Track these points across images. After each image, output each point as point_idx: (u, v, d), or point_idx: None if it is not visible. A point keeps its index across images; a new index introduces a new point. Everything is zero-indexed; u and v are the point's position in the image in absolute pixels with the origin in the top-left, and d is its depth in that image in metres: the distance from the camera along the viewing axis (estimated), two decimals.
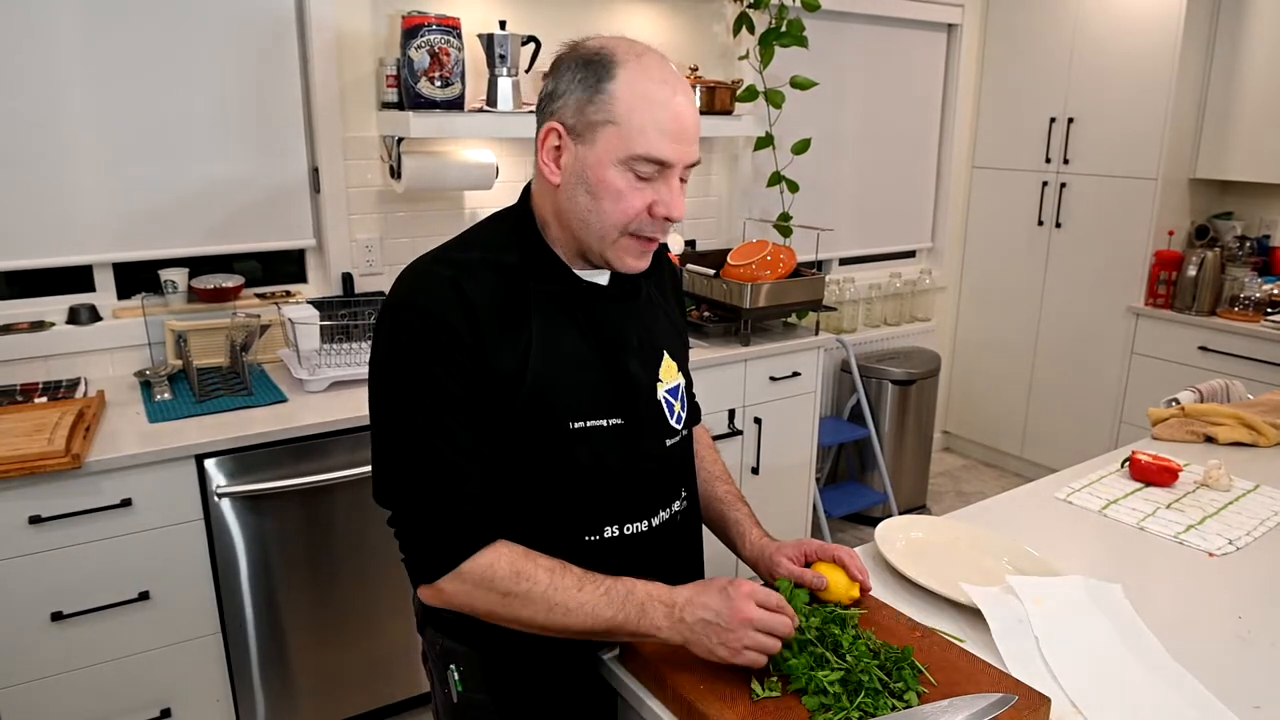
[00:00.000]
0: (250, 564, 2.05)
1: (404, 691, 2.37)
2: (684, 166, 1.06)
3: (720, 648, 0.99)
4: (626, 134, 1.01)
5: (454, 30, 2.37)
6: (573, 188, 1.05)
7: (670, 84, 1.02)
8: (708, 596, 1.01)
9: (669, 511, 1.19)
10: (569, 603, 1.01)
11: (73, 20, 2.14)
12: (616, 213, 1.04)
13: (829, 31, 3.53)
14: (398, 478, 1.05)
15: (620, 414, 1.11)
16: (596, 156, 1.02)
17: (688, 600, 1.02)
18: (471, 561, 1.02)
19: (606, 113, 1.01)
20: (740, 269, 2.85)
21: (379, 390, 1.07)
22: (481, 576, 1.02)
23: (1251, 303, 3.34)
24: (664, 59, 1.05)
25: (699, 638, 1.00)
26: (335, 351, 2.35)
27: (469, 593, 1.03)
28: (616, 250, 1.07)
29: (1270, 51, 3.31)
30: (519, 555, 1.03)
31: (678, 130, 1.02)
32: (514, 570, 1.02)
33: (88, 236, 2.27)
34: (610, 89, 1.00)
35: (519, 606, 1.02)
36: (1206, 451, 1.89)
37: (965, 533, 1.46)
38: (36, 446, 1.75)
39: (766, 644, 0.99)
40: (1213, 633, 1.22)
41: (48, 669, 1.85)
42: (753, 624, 0.98)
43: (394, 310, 1.06)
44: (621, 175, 1.02)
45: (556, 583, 1.01)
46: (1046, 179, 3.88)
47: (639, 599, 1.02)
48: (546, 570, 1.02)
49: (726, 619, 0.99)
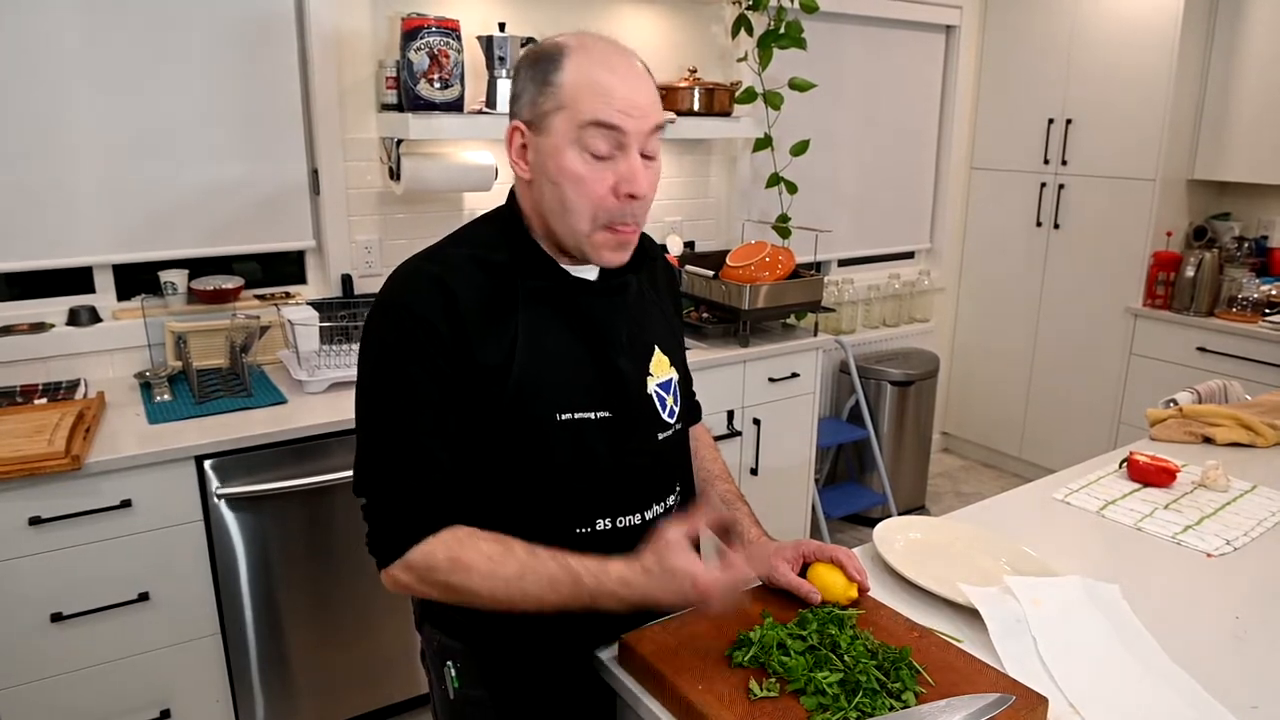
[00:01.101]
0: (250, 565, 2.05)
1: (403, 692, 2.37)
2: (643, 135, 1.04)
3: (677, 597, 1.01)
4: (574, 113, 1.02)
5: (453, 32, 2.38)
6: (540, 181, 1.07)
7: (611, 63, 1.03)
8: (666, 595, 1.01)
9: (663, 505, 1.20)
10: (510, 591, 1.02)
11: (73, 23, 2.15)
12: (581, 200, 1.04)
13: (827, 33, 3.53)
14: (365, 468, 1.08)
15: (609, 407, 1.12)
16: (553, 143, 1.04)
17: (643, 598, 1.02)
18: (415, 550, 1.04)
19: (555, 100, 1.02)
20: (739, 270, 2.85)
21: (360, 384, 1.10)
22: (425, 565, 1.04)
23: (1249, 303, 3.35)
24: (613, 43, 1.06)
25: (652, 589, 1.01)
26: (335, 353, 2.35)
27: (418, 581, 1.05)
28: (592, 244, 1.08)
29: (1267, 53, 3.32)
30: (458, 541, 1.04)
31: (626, 103, 1.02)
32: (450, 558, 1.03)
33: (88, 238, 2.27)
34: (557, 79, 1.02)
35: (463, 596, 1.04)
36: (1204, 452, 1.89)
37: (963, 533, 1.46)
38: (37, 448, 1.75)
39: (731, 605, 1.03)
40: (1210, 633, 1.22)
41: (47, 670, 1.85)
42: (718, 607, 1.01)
43: (379, 308, 1.08)
44: (578, 156, 1.03)
45: (496, 570, 1.02)
46: (1045, 180, 3.89)
47: (588, 588, 1.02)
48: (485, 558, 1.03)
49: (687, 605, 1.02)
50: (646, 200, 1.08)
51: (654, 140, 1.07)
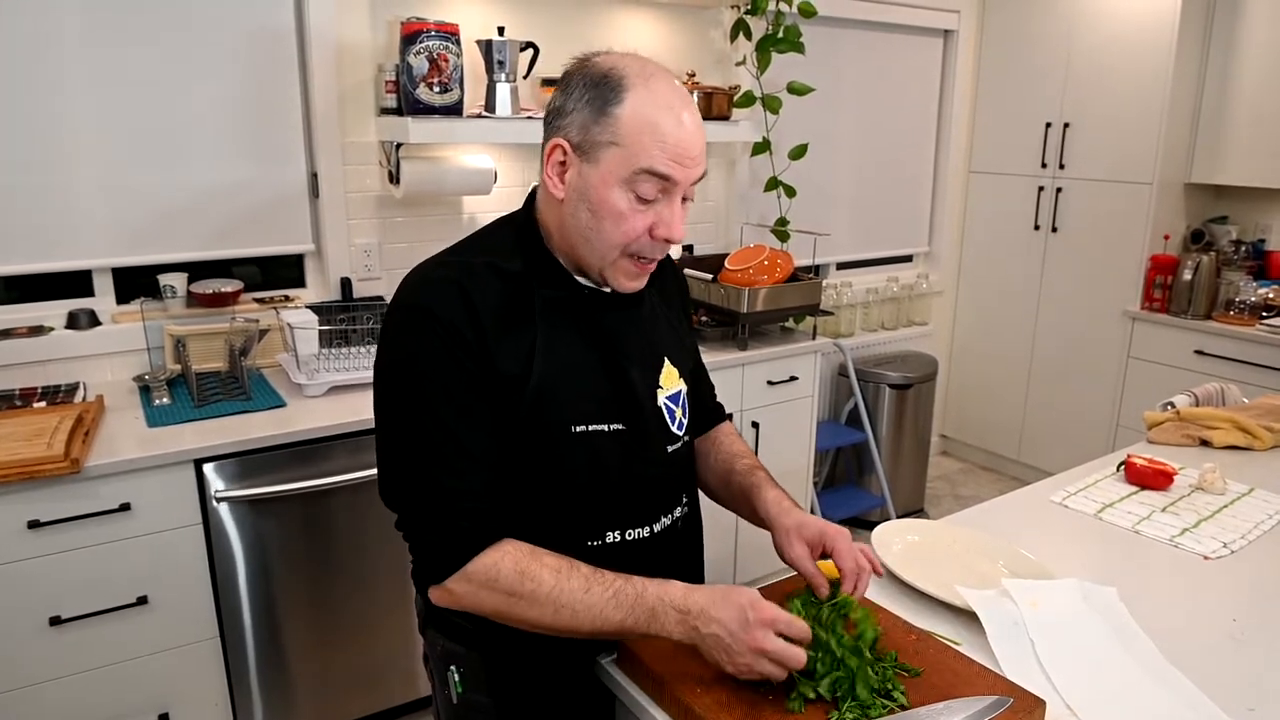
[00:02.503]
0: (249, 568, 2.05)
1: (402, 695, 2.37)
2: (689, 184, 1.06)
3: (727, 664, 0.98)
4: (630, 155, 1.01)
5: (453, 36, 2.38)
6: (575, 204, 1.06)
7: (675, 108, 1.03)
8: (725, 613, 0.98)
9: (670, 518, 1.20)
10: (575, 605, 1.00)
11: (74, 27, 2.15)
12: (617, 234, 1.05)
13: (826, 38, 3.54)
14: (403, 479, 1.05)
15: (621, 419, 1.12)
16: (600, 176, 1.03)
17: (702, 611, 0.99)
18: (476, 561, 1.01)
19: (612, 134, 1.02)
20: (738, 273, 2.86)
21: (384, 391, 1.08)
22: (486, 577, 1.01)
23: (1247, 306, 3.35)
24: (671, 80, 1.05)
25: (708, 649, 0.99)
26: (334, 356, 2.35)
27: (475, 593, 1.02)
28: (614, 270, 1.08)
29: (1264, 57, 3.33)
30: (525, 554, 1.02)
31: (680, 153, 1.02)
32: (518, 570, 1.01)
33: (87, 241, 2.27)
34: (616, 112, 1.01)
35: (525, 607, 1.01)
36: (1202, 455, 1.90)
37: (961, 536, 1.46)
38: (35, 451, 1.75)
39: (772, 672, 0.97)
40: (1208, 635, 1.22)
41: (46, 674, 1.85)
42: (766, 655, 0.96)
43: (399, 311, 1.07)
44: (624, 196, 1.03)
45: (562, 584, 1.00)
46: (1043, 184, 3.90)
47: (649, 604, 1.00)
48: (552, 570, 1.01)
49: (740, 643, 0.96)
50: None
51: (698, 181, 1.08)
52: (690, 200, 1.09)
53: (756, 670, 0.97)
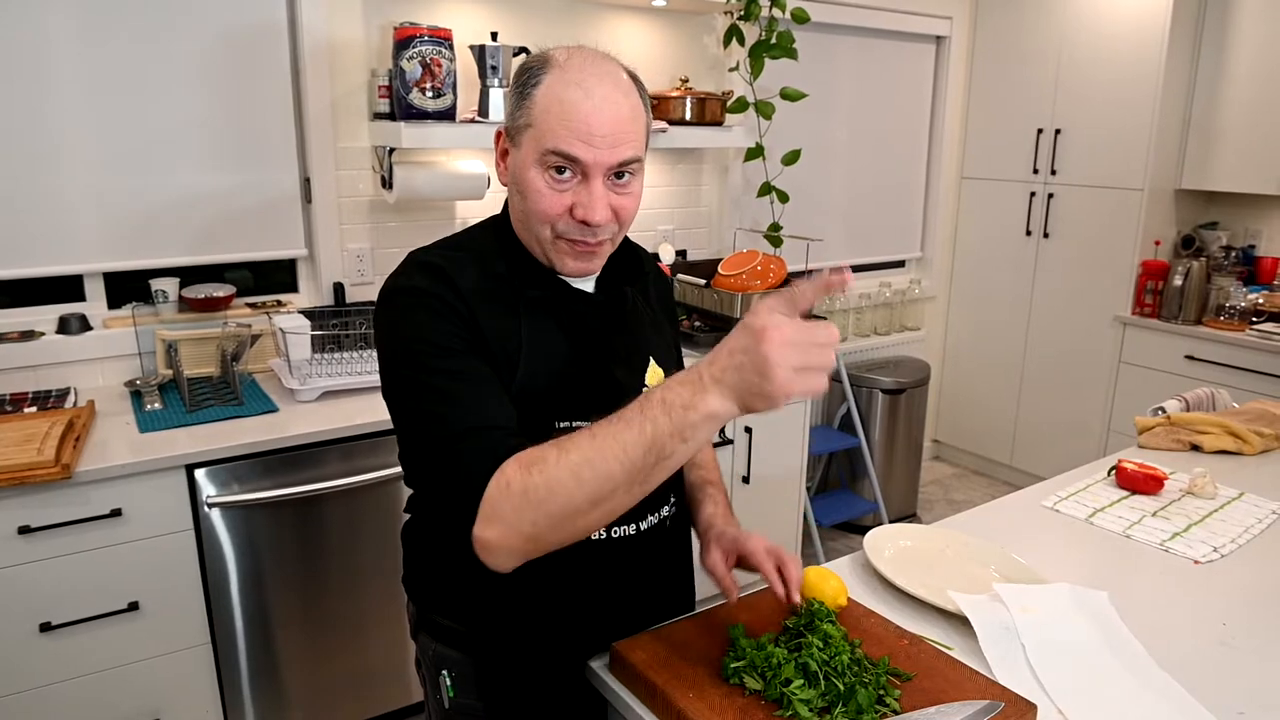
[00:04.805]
0: (241, 574, 2.04)
1: (395, 702, 2.36)
2: (605, 168, 1.03)
3: (768, 383, 0.82)
4: (539, 134, 1.03)
5: (446, 41, 2.39)
6: (512, 189, 1.10)
7: (586, 85, 1.01)
8: (730, 341, 0.86)
9: (657, 516, 1.20)
10: (590, 455, 0.88)
11: (64, 30, 2.15)
12: (538, 211, 1.05)
13: (818, 44, 3.55)
14: (419, 444, 1.01)
15: (605, 417, 1.11)
16: (522, 158, 1.05)
17: (710, 360, 0.87)
18: (486, 495, 0.92)
19: (528, 116, 1.04)
20: (731, 279, 2.86)
21: (387, 373, 1.05)
22: (501, 499, 0.91)
23: (1237, 312, 3.37)
24: (593, 60, 1.04)
25: (745, 385, 0.84)
26: (326, 361, 2.35)
27: (504, 527, 0.91)
28: (554, 251, 1.09)
29: (1254, 63, 3.35)
30: (524, 455, 0.93)
31: (586, 131, 1.01)
32: (522, 467, 0.91)
33: (78, 246, 2.27)
34: (533, 94, 1.03)
35: (549, 498, 0.89)
36: (1192, 460, 1.90)
37: (953, 541, 1.47)
38: (26, 456, 1.75)
39: (817, 357, 0.84)
40: (1198, 639, 1.23)
41: (36, 680, 1.84)
42: (789, 341, 0.83)
43: (388, 295, 1.07)
44: (540, 175, 1.04)
45: (567, 446, 0.90)
46: (1034, 189, 3.92)
47: (655, 400, 0.88)
48: (554, 446, 0.91)
49: (757, 351, 0.82)
50: (608, 225, 1.06)
51: (630, 165, 1.04)
52: (630, 181, 1.06)
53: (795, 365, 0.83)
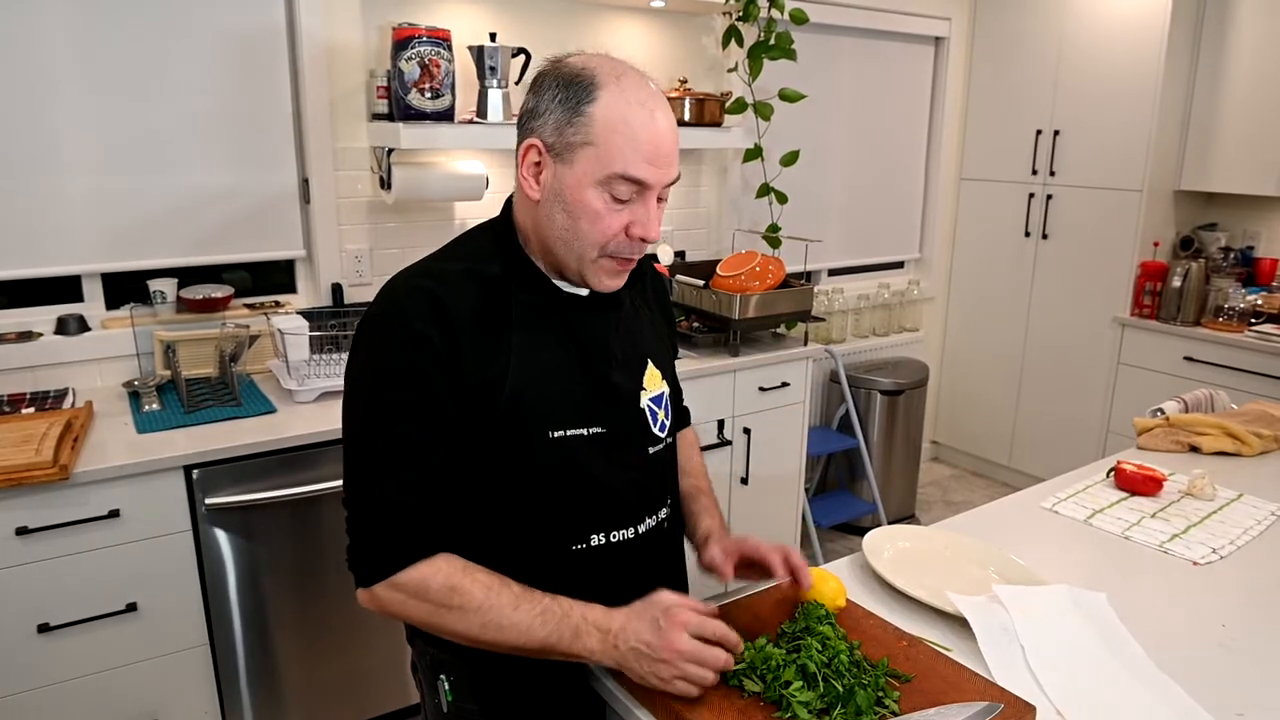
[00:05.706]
0: (239, 575, 2.04)
1: (393, 703, 2.36)
2: (661, 187, 1.06)
3: (651, 677, 0.99)
4: (604, 155, 1.01)
5: (444, 42, 2.39)
6: (550, 205, 1.06)
7: (648, 105, 1.03)
8: (641, 624, 1.01)
9: (655, 519, 1.20)
10: (501, 620, 1.02)
11: (63, 30, 2.14)
12: (594, 233, 1.05)
13: (817, 44, 3.55)
14: (353, 482, 1.06)
15: (602, 423, 1.12)
16: (575, 177, 1.03)
17: (622, 627, 1.01)
18: (407, 572, 1.03)
19: (585, 134, 1.01)
20: (729, 280, 2.86)
21: (349, 398, 1.08)
22: (416, 588, 1.03)
23: (1236, 313, 3.37)
24: (644, 79, 1.06)
25: (631, 665, 1.01)
26: (324, 362, 2.35)
27: (403, 602, 1.04)
28: (594, 270, 1.08)
29: (1253, 65, 3.35)
30: (457, 570, 1.03)
31: (654, 152, 1.02)
32: (449, 585, 1.02)
33: (76, 247, 2.26)
34: (590, 111, 1.01)
35: (452, 620, 1.03)
36: (1191, 461, 1.90)
37: (952, 542, 1.47)
38: (24, 457, 1.74)
39: (698, 675, 0.99)
40: (1197, 641, 1.23)
41: (34, 681, 1.84)
42: (683, 656, 0.98)
43: (372, 322, 1.07)
44: (599, 196, 1.03)
45: (491, 600, 1.02)
46: (1033, 191, 3.92)
47: (574, 622, 1.02)
48: (483, 587, 1.03)
49: (656, 650, 0.99)
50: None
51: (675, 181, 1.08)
52: (664, 201, 1.09)
53: (683, 676, 0.98)
